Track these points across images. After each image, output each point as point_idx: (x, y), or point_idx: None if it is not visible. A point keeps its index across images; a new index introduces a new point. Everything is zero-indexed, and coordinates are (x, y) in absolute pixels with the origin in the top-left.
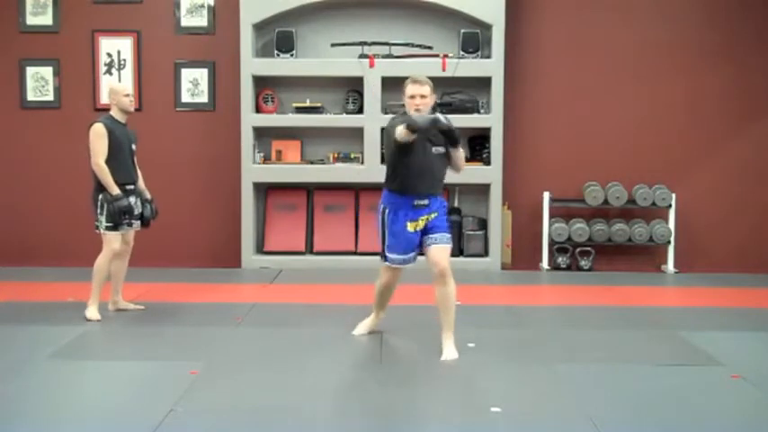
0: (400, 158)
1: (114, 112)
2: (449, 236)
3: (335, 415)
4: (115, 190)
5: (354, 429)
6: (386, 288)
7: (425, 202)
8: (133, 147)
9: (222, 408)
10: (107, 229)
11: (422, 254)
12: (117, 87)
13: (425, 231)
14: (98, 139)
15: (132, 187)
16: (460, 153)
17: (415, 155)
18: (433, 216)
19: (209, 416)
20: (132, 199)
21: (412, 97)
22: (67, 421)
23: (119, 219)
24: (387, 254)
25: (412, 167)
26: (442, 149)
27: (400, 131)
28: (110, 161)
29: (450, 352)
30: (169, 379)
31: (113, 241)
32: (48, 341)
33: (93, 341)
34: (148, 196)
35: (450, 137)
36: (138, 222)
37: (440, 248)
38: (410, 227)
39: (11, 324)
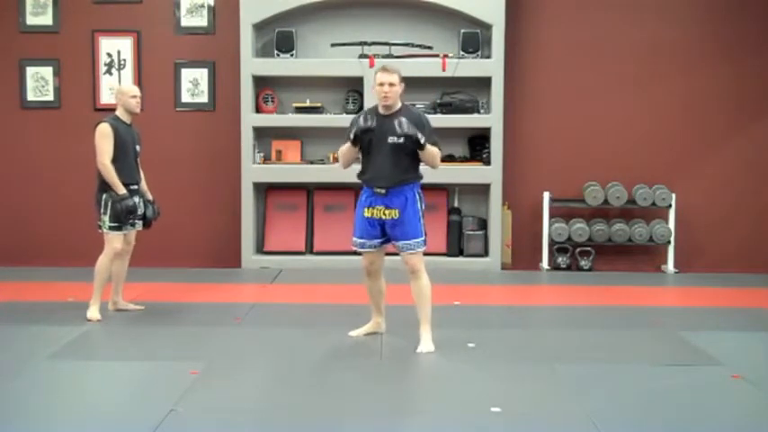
0: (361, 150)
1: (120, 113)
2: (417, 240)
3: (336, 414)
4: (121, 189)
5: (354, 429)
6: (367, 277)
7: (382, 191)
8: (137, 147)
9: (222, 408)
10: (110, 228)
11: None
12: (124, 88)
13: (391, 233)
14: (103, 138)
15: (135, 187)
16: (430, 152)
17: (370, 146)
18: (394, 214)
19: (209, 416)
20: (136, 199)
21: (381, 84)
22: (67, 421)
23: (124, 218)
24: (353, 235)
25: (368, 158)
26: (399, 140)
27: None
28: (114, 161)
29: (426, 345)
30: (169, 379)
31: (115, 241)
32: (48, 341)
33: (93, 341)
34: (150, 197)
35: (412, 141)
36: (141, 222)
37: (408, 254)
38: (366, 212)
39: (11, 324)
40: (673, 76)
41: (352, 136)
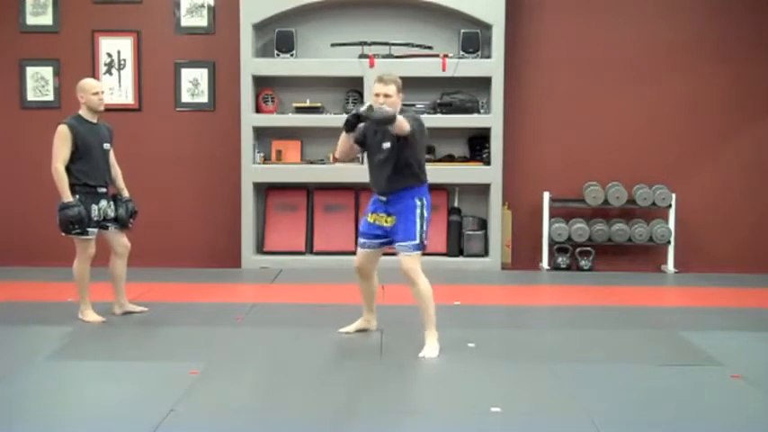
0: (367, 157)
1: (83, 111)
2: (413, 243)
3: (335, 414)
4: (67, 198)
5: (354, 429)
6: (359, 278)
7: (384, 198)
8: (105, 146)
9: (222, 408)
10: (76, 234)
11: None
12: (85, 85)
13: (391, 235)
14: (59, 142)
15: (104, 190)
16: (398, 123)
17: (371, 152)
18: (393, 219)
19: (209, 416)
20: (104, 203)
21: (377, 95)
22: (67, 421)
23: (66, 227)
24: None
25: (370, 165)
26: (388, 144)
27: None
28: (80, 164)
29: (429, 349)
30: (169, 379)
31: (85, 245)
32: (48, 341)
33: (93, 341)
34: (126, 195)
35: (384, 124)
36: (114, 225)
37: (403, 256)
38: (370, 218)
39: (11, 324)
40: (672, 76)
41: (344, 123)
